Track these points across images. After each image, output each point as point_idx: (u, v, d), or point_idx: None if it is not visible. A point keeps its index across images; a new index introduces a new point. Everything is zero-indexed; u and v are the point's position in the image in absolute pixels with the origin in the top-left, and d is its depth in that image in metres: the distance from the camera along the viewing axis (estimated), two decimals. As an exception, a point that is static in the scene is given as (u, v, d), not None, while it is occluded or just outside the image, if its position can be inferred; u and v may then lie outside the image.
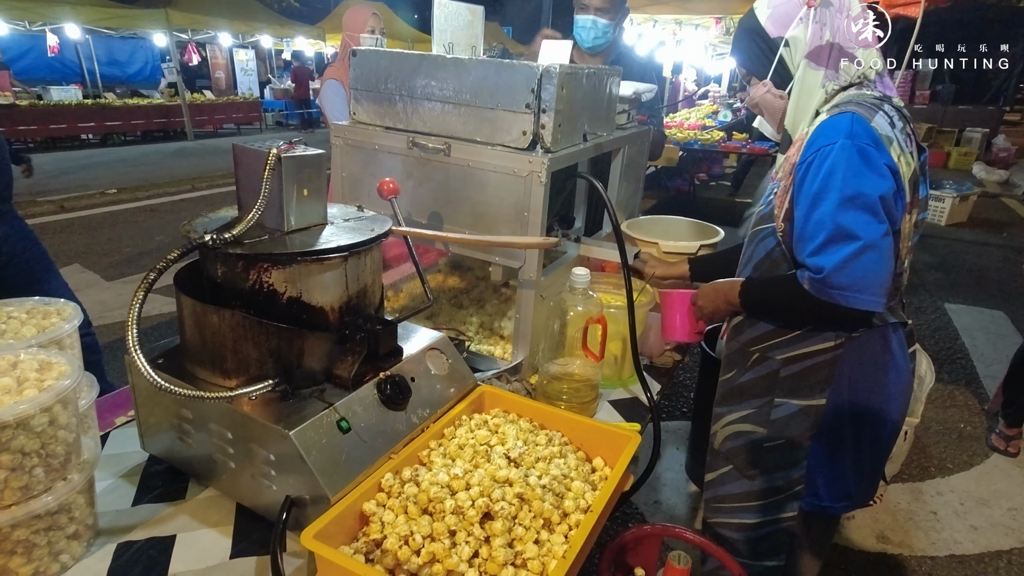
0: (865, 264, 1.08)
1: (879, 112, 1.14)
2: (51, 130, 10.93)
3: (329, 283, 1.08)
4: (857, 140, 1.10)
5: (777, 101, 1.31)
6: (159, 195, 8.02)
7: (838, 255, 1.08)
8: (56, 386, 0.89)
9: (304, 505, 0.99)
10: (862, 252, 1.08)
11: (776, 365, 1.29)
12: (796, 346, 1.27)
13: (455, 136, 1.46)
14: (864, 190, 1.08)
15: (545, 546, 0.95)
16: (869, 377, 1.25)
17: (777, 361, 1.29)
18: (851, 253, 1.08)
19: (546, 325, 1.44)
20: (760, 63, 1.29)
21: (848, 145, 1.10)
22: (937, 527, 2.57)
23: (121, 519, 1.07)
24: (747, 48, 1.31)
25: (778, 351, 1.29)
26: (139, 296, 0.92)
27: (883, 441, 1.31)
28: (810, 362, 1.26)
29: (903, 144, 1.14)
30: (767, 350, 1.31)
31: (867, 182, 1.09)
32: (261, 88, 17.14)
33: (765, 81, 1.30)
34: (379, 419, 1.09)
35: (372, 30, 3.10)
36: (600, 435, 1.21)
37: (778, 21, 1.24)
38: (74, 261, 5.30)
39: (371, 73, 1.55)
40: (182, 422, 1.11)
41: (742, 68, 1.36)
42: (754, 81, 1.33)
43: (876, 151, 1.10)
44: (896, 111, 1.17)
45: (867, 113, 1.13)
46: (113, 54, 16.20)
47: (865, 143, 1.10)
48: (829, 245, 1.10)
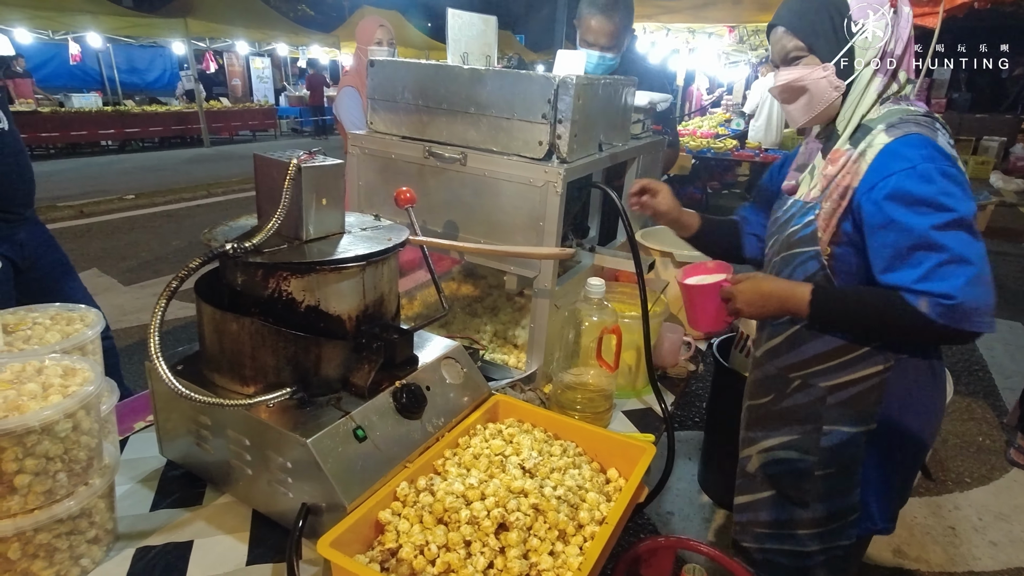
0: (985, 286, 1.04)
1: (938, 131, 1.10)
2: (72, 136, 11.14)
3: (347, 292, 1.09)
4: (938, 163, 1.05)
5: (832, 93, 1.16)
6: (176, 200, 8.13)
7: (959, 279, 1.03)
8: (80, 392, 0.90)
9: (320, 513, 1.00)
10: (979, 275, 1.04)
11: (821, 392, 1.24)
12: (841, 373, 1.22)
13: (471, 146, 1.47)
14: (961, 211, 1.04)
15: (560, 557, 0.94)
16: (916, 397, 1.22)
17: (821, 388, 1.24)
18: (973, 277, 1.03)
19: (560, 335, 1.44)
20: (828, 42, 1.14)
21: (931, 168, 1.05)
22: (955, 542, 2.53)
23: (140, 524, 1.08)
24: (816, 19, 1.14)
25: (822, 378, 1.24)
26: (161, 304, 0.94)
27: (921, 458, 1.30)
28: (858, 388, 1.21)
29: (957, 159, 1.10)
30: (809, 377, 1.26)
31: (961, 203, 1.04)
32: (276, 95, 17.35)
33: (827, 65, 1.14)
34: (394, 428, 1.10)
35: (380, 42, 3.14)
36: (614, 446, 1.21)
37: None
38: (92, 265, 5.38)
39: (388, 83, 1.56)
40: (200, 428, 1.12)
41: (796, 39, 1.17)
42: (810, 60, 1.16)
43: (957, 171, 1.06)
44: (943, 128, 1.14)
45: (930, 133, 1.08)
46: (133, 62, 16.48)
47: (947, 164, 1.05)
48: (944, 268, 1.04)
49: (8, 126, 1.93)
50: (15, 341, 1.08)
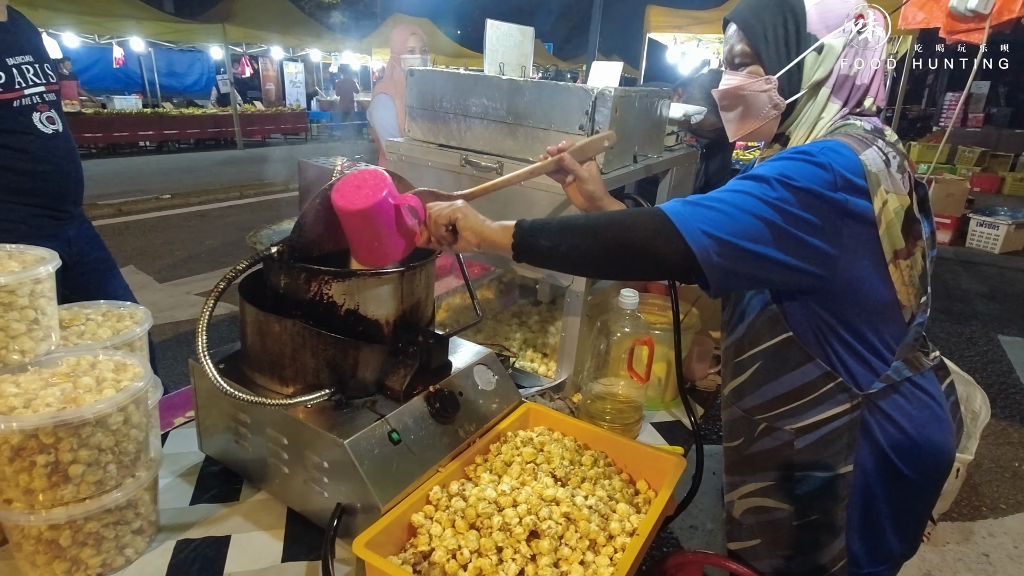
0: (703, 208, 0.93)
1: (872, 147, 0.97)
2: (113, 137, 11.50)
3: (385, 297, 1.11)
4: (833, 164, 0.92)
5: (768, 109, 1.06)
6: (210, 201, 8.33)
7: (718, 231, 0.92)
8: (131, 387, 0.94)
9: (354, 513, 1.02)
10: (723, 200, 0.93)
11: (788, 436, 1.13)
12: (807, 414, 1.10)
13: (507, 155, 1.49)
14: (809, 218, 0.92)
15: (590, 567, 0.95)
16: (901, 437, 1.10)
17: (789, 432, 1.13)
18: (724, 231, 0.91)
19: (592, 345, 1.45)
20: (778, 52, 1.02)
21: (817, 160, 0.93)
22: (989, 570, 2.45)
23: (180, 517, 1.11)
24: (769, 24, 1.02)
25: (787, 420, 1.13)
26: (209, 304, 0.97)
27: (928, 491, 1.18)
28: (826, 429, 1.09)
29: (898, 183, 0.97)
30: (774, 419, 1.15)
31: (798, 193, 0.91)
32: (308, 100, 17.69)
33: (770, 78, 1.03)
34: (428, 432, 1.11)
35: (412, 49, 3.19)
36: (644, 457, 1.21)
37: (825, 16, 1.00)
38: (129, 263, 5.54)
39: (427, 92, 1.59)
40: (239, 426, 1.15)
41: (744, 44, 1.05)
42: (755, 68, 1.05)
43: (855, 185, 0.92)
44: (891, 147, 1.00)
45: (858, 145, 0.96)
46: (172, 66, 16.96)
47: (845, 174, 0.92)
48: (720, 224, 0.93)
49: (63, 128, 2.01)
50: (69, 336, 1.12)
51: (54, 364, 1.00)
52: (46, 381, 0.94)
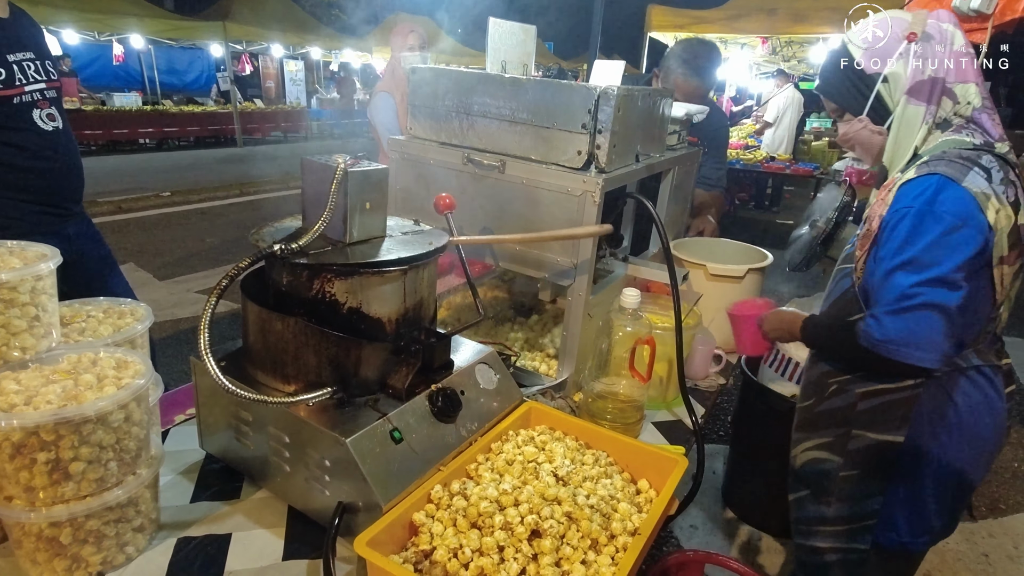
0: (920, 321, 1.11)
1: (973, 169, 1.11)
2: (113, 134, 11.48)
3: (388, 295, 1.11)
4: (943, 207, 1.09)
5: (875, 137, 1.28)
6: (210, 199, 8.32)
7: (896, 305, 1.12)
8: (133, 384, 0.94)
9: (356, 512, 1.02)
10: (919, 309, 1.10)
11: (853, 398, 1.29)
12: (874, 382, 1.27)
13: (510, 154, 1.49)
14: (950, 256, 1.09)
15: (592, 567, 0.95)
16: (955, 419, 1.23)
17: (855, 394, 1.29)
18: (908, 308, 1.11)
19: (594, 344, 1.45)
20: (855, 99, 1.27)
21: (926, 211, 1.10)
22: (989, 571, 2.46)
23: (181, 515, 1.11)
24: (840, 84, 1.28)
25: (856, 385, 1.29)
26: (211, 301, 0.97)
27: (972, 479, 1.29)
28: (887, 398, 1.25)
29: (1001, 196, 1.11)
30: (845, 383, 1.31)
31: (949, 249, 1.09)
32: (308, 98, 17.66)
33: (861, 117, 1.27)
34: (430, 431, 1.11)
35: (412, 47, 3.18)
36: (646, 457, 1.20)
37: (875, 56, 1.22)
38: (129, 260, 5.53)
39: (429, 90, 1.59)
40: (240, 423, 1.15)
41: (832, 103, 1.33)
42: (847, 117, 1.30)
43: (968, 214, 1.09)
44: (997, 160, 1.15)
45: (957, 173, 1.11)
46: (172, 63, 16.90)
47: (954, 209, 1.09)
48: (892, 304, 1.13)
49: (63, 125, 2.01)
50: (70, 333, 1.12)
51: (55, 361, 1.00)
52: (47, 378, 0.94)
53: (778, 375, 2.12)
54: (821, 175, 7.24)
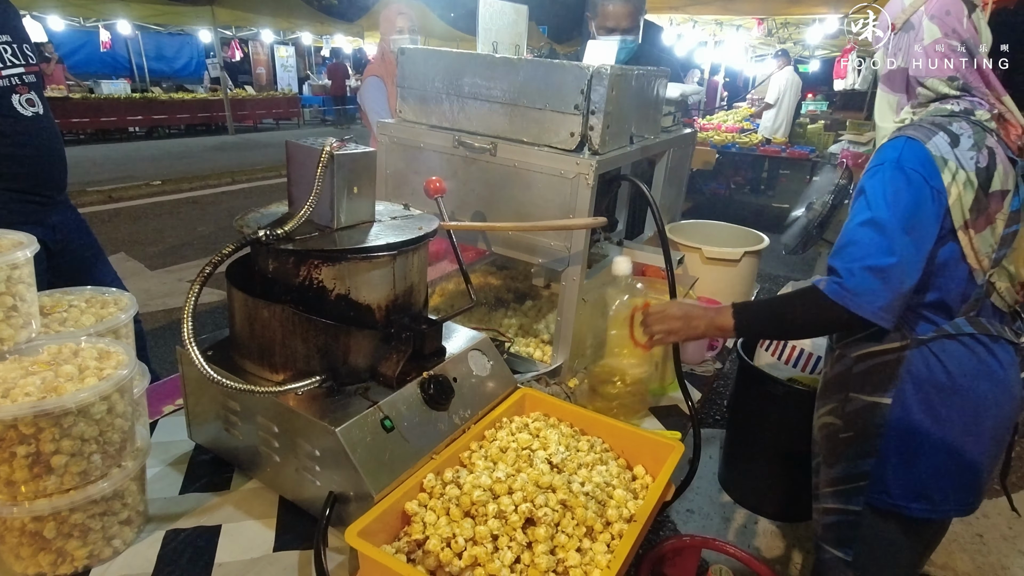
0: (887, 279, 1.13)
1: (938, 133, 1.16)
2: (101, 122, 11.33)
3: (377, 281, 1.09)
4: (904, 162, 1.14)
5: None
6: (201, 187, 8.23)
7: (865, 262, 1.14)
8: (115, 375, 0.91)
9: (347, 501, 1.00)
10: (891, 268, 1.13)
11: (850, 363, 1.34)
12: (865, 345, 1.31)
13: (502, 136, 1.46)
14: (909, 210, 1.13)
15: (587, 555, 0.93)
16: (948, 384, 1.25)
17: (851, 359, 1.34)
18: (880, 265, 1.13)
19: (590, 324, 1.42)
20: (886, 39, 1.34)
21: (894, 167, 1.15)
22: (983, 551, 2.47)
23: (169, 507, 1.09)
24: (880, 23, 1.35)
25: (852, 348, 1.34)
26: (195, 289, 0.94)
27: (976, 451, 1.29)
28: (876, 360, 1.29)
29: (964, 162, 1.14)
30: (844, 348, 1.36)
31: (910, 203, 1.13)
32: (300, 84, 17.46)
33: None
34: (422, 419, 1.09)
35: (401, 30, 3.12)
36: (642, 443, 1.19)
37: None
38: (120, 250, 5.48)
39: (419, 71, 1.55)
40: (229, 414, 1.13)
41: None
42: None
43: (926, 172, 1.13)
44: (971, 125, 1.18)
45: (922, 136, 1.15)
46: (161, 49, 16.68)
47: (911, 166, 1.14)
48: (846, 251, 1.17)
49: (44, 110, 1.96)
50: (51, 323, 1.09)
51: (34, 352, 0.97)
52: (26, 370, 0.91)
53: (775, 359, 2.11)
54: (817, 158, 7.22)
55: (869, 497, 1.34)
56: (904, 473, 1.31)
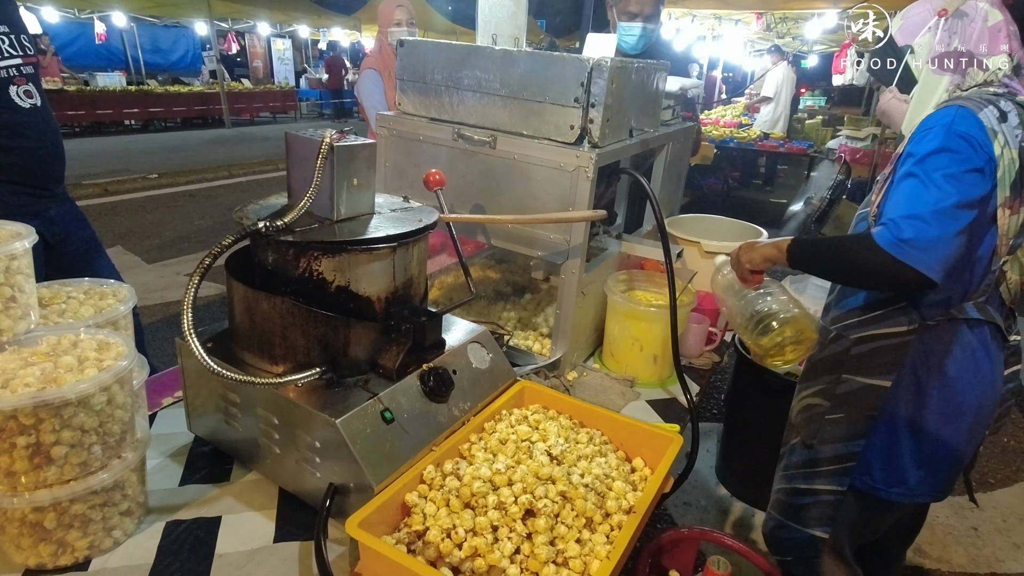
0: (933, 225, 1.10)
1: (989, 106, 1.16)
2: (97, 115, 11.25)
3: (377, 273, 1.09)
4: (956, 127, 1.13)
5: (901, 106, 1.35)
6: (198, 181, 8.19)
7: (914, 210, 1.11)
8: (115, 366, 0.91)
9: (347, 493, 1.00)
10: (938, 215, 1.10)
11: (848, 344, 1.34)
12: (869, 327, 1.31)
13: (501, 129, 1.45)
14: (961, 167, 1.11)
15: (587, 546, 0.94)
16: (939, 368, 1.26)
17: (850, 340, 1.34)
18: (926, 213, 1.10)
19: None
20: (886, 71, 1.36)
21: (946, 130, 1.14)
22: (978, 543, 2.49)
23: (169, 498, 1.10)
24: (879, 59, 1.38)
25: (853, 330, 1.34)
26: (194, 281, 0.94)
27: (952, 440, 1.30)
28: (880, 343, 1.30)
29: (1010, 137, 1.15)
30: (843, 328, 1.36)
31: (961, 161, 1.11)
32: (297, 77, 17.37)
33: (891, 87, 1.36)
34: (421, 411, 1.09)
35: (399, 23, 3.10)
36: (640, 435, 1.19)
37: (907, 30, 1.31)
38: (117, 243, 5.45)
39: (418, 64, 1.55)
40: (229, 405, 1.13)
41: (873, 79, 1.43)
42: (882, 89, 1.40)
43: (979, 138, 1.12)
44: (1016, 106, 1.19)
45: (974, 106, 1.16)
46: (157, 42, 16.55)
47: (965, 130, 1.13)
48: (909, 204, 1.13)
49: (41, 102, 1.95)
50: (50, 315, 1.09)
51: (34, 343, 0.97)
52: (25, 360, 0.91)
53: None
54: (815, 154, 7.22)
55: (853, 479, 1.36)
56: (887, 457, 1.33)
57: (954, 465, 1.34)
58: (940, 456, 1.32)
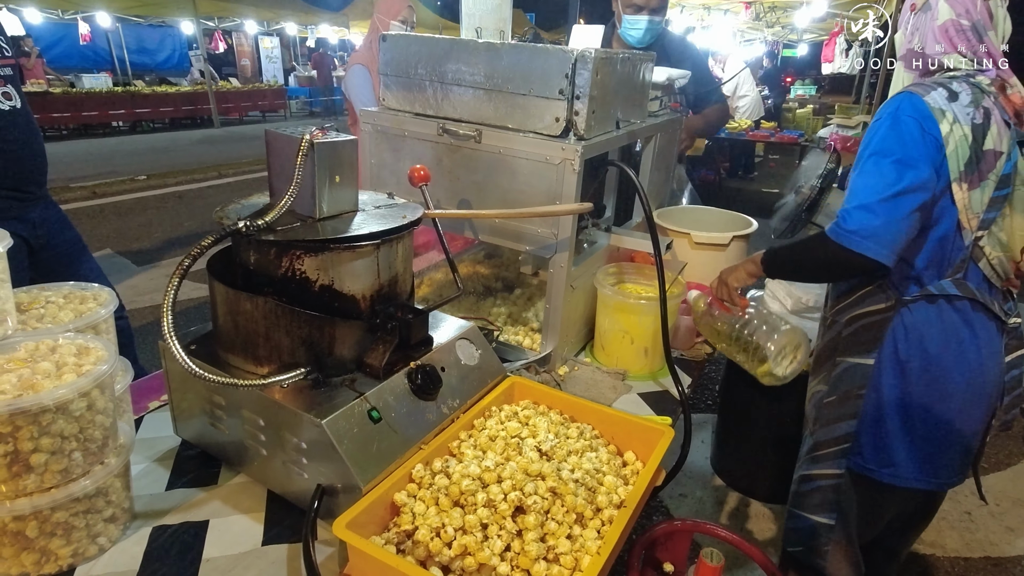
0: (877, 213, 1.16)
1: (937, 89, 1.20)
2: (83, 117, 11.13)
3: (361, 271, 1.07)
4: (901, 113, 1.19)
5: None
6: (187, 182, 8.13)
7: (856, 201, 1.18)
8: (94, 371, 0.90)
9: (335, 494, 0.99)
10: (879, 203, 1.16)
11: (840, 327, 1.38)
12: (854, 308, 1.35)
13: (486, 122, 1.44)
14: (905, 150, 1.17)
15: (578, 541, 0.93)
16: (920, 345, 1.28)
17: (842, 323, 1.38)
18: (868, 202, 1.17)
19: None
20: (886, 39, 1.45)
21: (892, 119, 1.20)
22: (971, 527, 2.51)
23: (156, 503, 1.08)
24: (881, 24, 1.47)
25: (843, 314, 1.38)
26: (174, 282, 0.92)
27: (943, 420, 1.30)
28: (863, 322, 1.33)
29: (961, 116, 1.18)
30: (836, 313, 1.40)
31: (904, 144, 1.17)
32: (285, 75, 17.25)
33: None
34: (410, 409, 1.08)
35: (403, 20, 3.07)
36: (632, 428, 1.19)
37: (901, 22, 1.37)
38: (106, 246, 5.40)
39: (401, 58, 1.53)
40: (214, 408, 1.11)
41: None
42: None
43: (922, 119, 1.17)
44: (970, 86, 1.21)
45: (921, 91, 1.20)
46: (142, 42, 16.41)
47: (910, 114, 1.18)
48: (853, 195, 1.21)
49: (21, 104, 1.92)
50: (29, 320, 1.07)
51: (11, 349, 0.95)
52: (1, 367, 0.89)
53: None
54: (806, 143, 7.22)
55: (850, 462, 1.37)
56: (876, 437, 1.34)
57: (950, 450, 1.33)
58: (931, 438, 1.32)
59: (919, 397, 1.30)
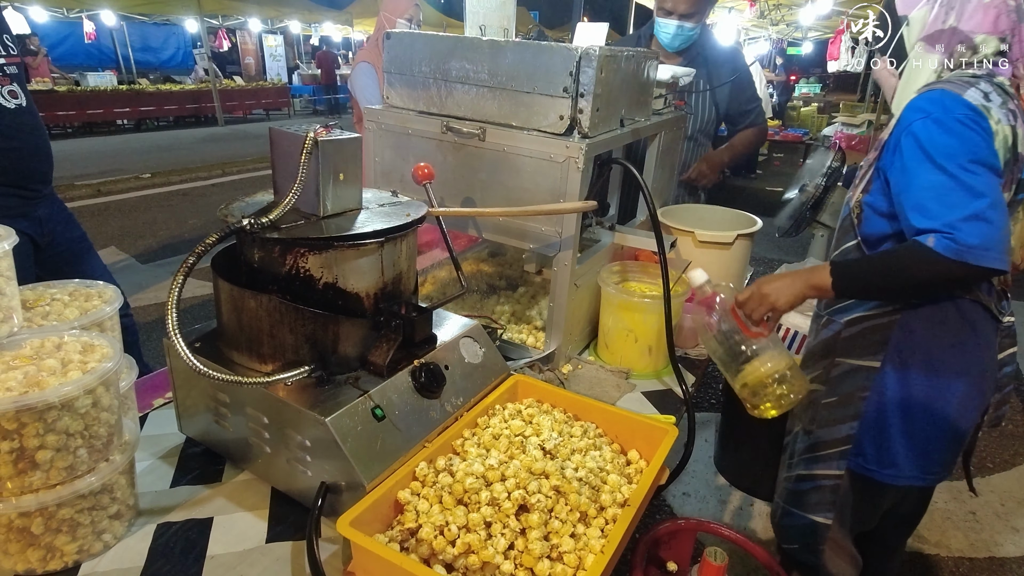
0: (992, 221, 1.06)
1: (971, 88, 1.15)
2: (88, 115, 11.17)
3: (365, 269, 1.07)
4: (950, 112, 1.11)
5: (891, 79, 1.36)
6: (191, 179, 8.15)
7: (965, 211, 1.06)
8: (99, 368, 0.90)
9: (339, 492, 0.99)
10: (989, 209, 1.06)
11: (839, 328, 1.35)
12: (857, 309, 1.32)
13: (490, 121, 1.44)
14: (975, 150, 1.09)
15: (581, 540, 0.93)
16: (925, 347, 1.26)
17: (840, 324, 1.35)
18: (979, 210, 1.06)
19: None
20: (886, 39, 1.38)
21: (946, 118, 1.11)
22: (976, 528, 2.50)
23: (160, 500, 1.08)
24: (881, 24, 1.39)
25: (842, 314, 1.35)
26: (179, 280, 0.92)
27: (943, 419, 1.29)
28: (868, 324, 1.31)
29: (1001, 116, 1.14)
30: (833, 313, 1.37)
31: (971, 144, 1.09)
32: (289, 74, 17.27)
33: (885, 56, 1.38)
34: (413, 407, 1.08)
35: (410, 19, 3.07)
36: (635, 427, 1.19)
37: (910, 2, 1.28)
38: (110, 244, 5.42)
39: (405, 56, 1.53)
40: (219, 406, 1.12)
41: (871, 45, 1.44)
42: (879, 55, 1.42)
43: (974, 117, 1.11)
44: (995, 87, 1.17)
45: (957, 89, 1.15)
46: (147, 40, 16.44)
47: (961, 112, 1.11)
48: (952, 205, 1.08)
49: (26, 102, 1.92)
50: (34, 317, 1.08)
51: (16, 346, 0.95)
52: (7, 364, 0.90)
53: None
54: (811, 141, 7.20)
55: (849, 461, 1.36)
56: (877, 437, 1.33)
57: (946, 447, 1.33)
58: (930, 436, 1.31)
59: (921, 397, 1.29)
